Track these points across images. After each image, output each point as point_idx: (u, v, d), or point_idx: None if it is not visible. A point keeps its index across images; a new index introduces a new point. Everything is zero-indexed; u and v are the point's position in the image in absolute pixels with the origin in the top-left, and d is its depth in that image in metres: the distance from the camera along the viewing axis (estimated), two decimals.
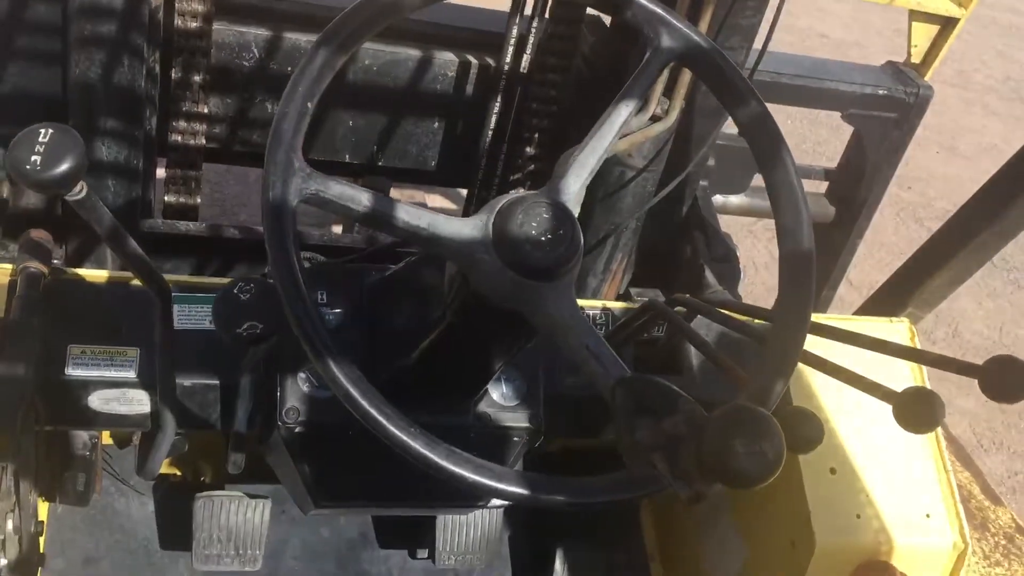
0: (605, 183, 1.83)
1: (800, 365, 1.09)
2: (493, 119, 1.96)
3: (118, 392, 1.22)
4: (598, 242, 1.89)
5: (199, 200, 1.93)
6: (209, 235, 1.86)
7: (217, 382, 1.25)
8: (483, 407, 1.28)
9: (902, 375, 1.49)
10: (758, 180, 2.04)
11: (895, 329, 1.54)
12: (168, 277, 1.25)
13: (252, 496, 1.45)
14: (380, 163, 2.06)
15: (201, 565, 1.48)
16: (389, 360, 1.18)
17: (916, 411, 1.00)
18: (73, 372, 1.20)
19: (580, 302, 1.03)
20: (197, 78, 1.78)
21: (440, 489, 1.22)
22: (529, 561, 1.72)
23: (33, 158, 0.92)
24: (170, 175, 1.88)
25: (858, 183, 2.40)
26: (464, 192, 2.30)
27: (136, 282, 1.24)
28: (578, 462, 1.42)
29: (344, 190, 0.97)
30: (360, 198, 0.97)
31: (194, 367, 1.24)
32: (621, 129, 1.08)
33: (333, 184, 0.96)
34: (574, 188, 1.06)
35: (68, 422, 1.24)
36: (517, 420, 1.29)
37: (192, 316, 1.27)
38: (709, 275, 1.85)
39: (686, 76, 1.70)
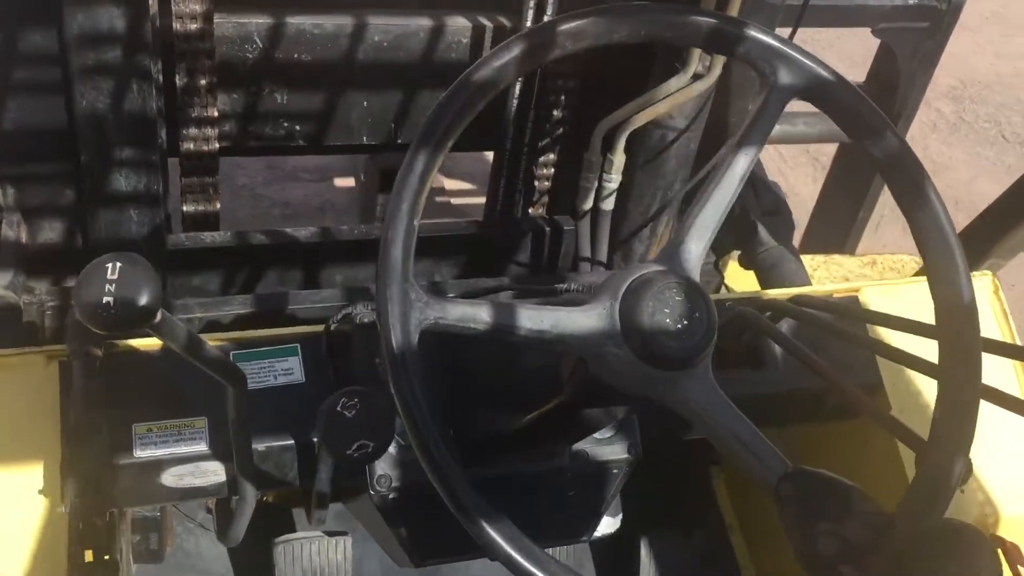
0: (646, 148, 1.74)
1: None
2: (517, 85, 1.85)
3: (191, 467, 1.16)
4: (644, 207, 1.80)
5: (219, 206, 1.84)
6: (236, 244, 1.77)
7: (292, 442, 1.19)
8: (578, 444, 1.22)
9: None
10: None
11: (977, 284, 1.47)
12: (222, 336, 1.18)
13: (331, 534, 1.40)
14: (400, 140, 1.96)
15: None
16: (483, 424, 1.11)
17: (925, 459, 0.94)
18: (142, 453, 1.14)
19: None
20: (203, 81, 1.67)
21: (543, 529, 1.18)
22: (610, 543, 1.68)
23: (106, 299, 0.83)
24: (186, 184, 1.78)
25: (891, 98, 2.30)
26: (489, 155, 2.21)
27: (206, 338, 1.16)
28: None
29: (464, 311, 0.88)
30: (480, 315, 0.89)
31: (266, 430, 1.17)
32: (743, 178, 0.98)
33: (451, 307, 0.88)
34: (696, 253, 0.97)
35: (142, 503, 1.18)
36: (615, 453, 1.23)
37: (254, 375, 1.20)
38: (762, 230, 1.77)
39: None
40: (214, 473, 1.17)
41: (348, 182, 3.76)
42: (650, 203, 1.80)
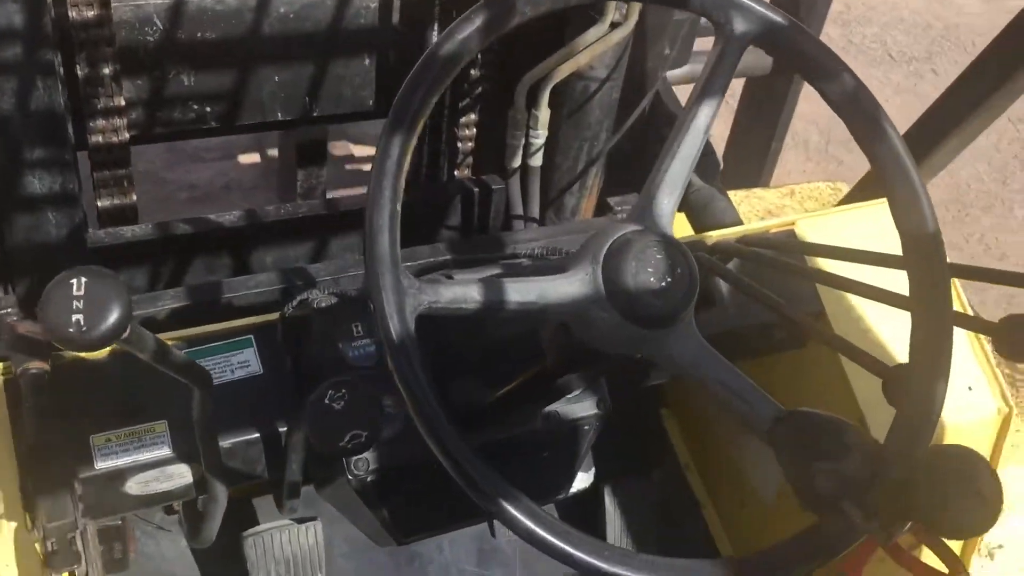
0: (570, 100, 1.73)
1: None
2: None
3: (156, 472, 1.12)
4: (571, 161, 1.80)
5: (135, 198, 1.77)
6: (159, 236, 1.71)
7: (258, 435, 1.16)
8: (549, 405, 1.22)
9: None
10: (699, 45, 1.97)
11: None
12: (173, 335, 1.14)
13: (300, 521, 1.38)
14: (316, 113, 1.91)
15: None
16: (460, 396, 1.10)
17: (908, 388, 0.97)
18: (103, 464, 1.10)
19: None
20: (107, 70, 1.59)
21: (523, 491, 1.18)
22: (573, 495, 1.70)
23: (75, 318, 0.79)
24: (99, 179, 1.71)
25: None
26: None
27: None
28: None
29: (455, 293, 0.87)
30: (471, 295, 0.87)
31: (231, 426, 1.14)
32: (706, 133, 0.98)
33: (443, 290, 0.86)
34: (668, 209, 0.96)
35: (107, 513, 1.14)
36: (585, 409, 1.24)
37: (210, 371, 1.16)
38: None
39: None
40: (180, 476, 1.13)
41: (253, 159, 3.67)
42: (577, 155, 1.80)
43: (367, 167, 3.58)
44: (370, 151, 3.61)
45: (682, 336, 0.92)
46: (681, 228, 1.97)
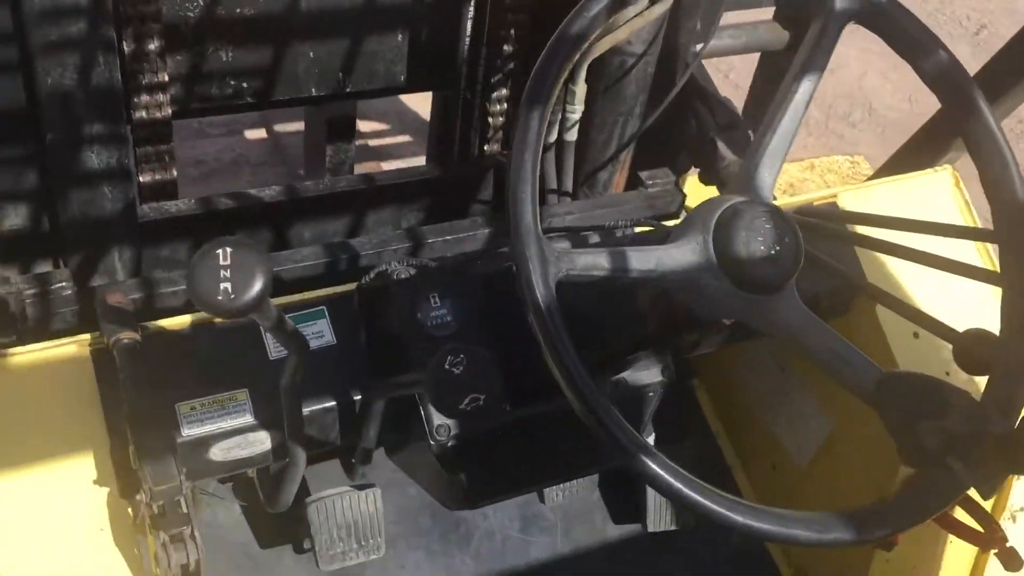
0: (606, 75, 1.76)
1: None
2: (468, 23, 1.85)
3: (239, 439, 1.15)
4: (606, 135, 1.83)
5: (175, 173, 1.79)
6: (202, 211, 1.74)
7: (334, 403, 1.19)
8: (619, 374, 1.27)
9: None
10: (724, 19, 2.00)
11: (939, 179, 1.56)
12: None
13: (360, 488, 1.42)
14: (348, 89, 1.93)
15: (328, 566, 1.46)
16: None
17: (975, 352, 1.02)
18: (190, 432, 1.13)
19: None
20: (152, 46, 1.61)
21: (579, 457, 1.22)
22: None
23: (223, 286, 0.82)
24: (141, 154, 1.72)
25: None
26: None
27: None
28: None
29: (587, 260, 0.91)
30: (601, 263, 0.91)
31: (308, 394, 1.17)
32: (806, 108, 1.02)
33: (578, 259, 0.90)
34: (770, 181, 1.01)
35: (192, 479, 1.17)
36: (651, 376, 1.28)
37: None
38: (721, 146, 1.82)
39: None
40: (260, 443, 1.17)
41: (259, 134, 3.68)
42: (612, 130, 1.83)
43: (391, 140, 3.64)
44: (394, 126, 3.65)
45: (788, 302, 0.96)
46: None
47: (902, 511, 0.93)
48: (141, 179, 1.76)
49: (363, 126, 3.53)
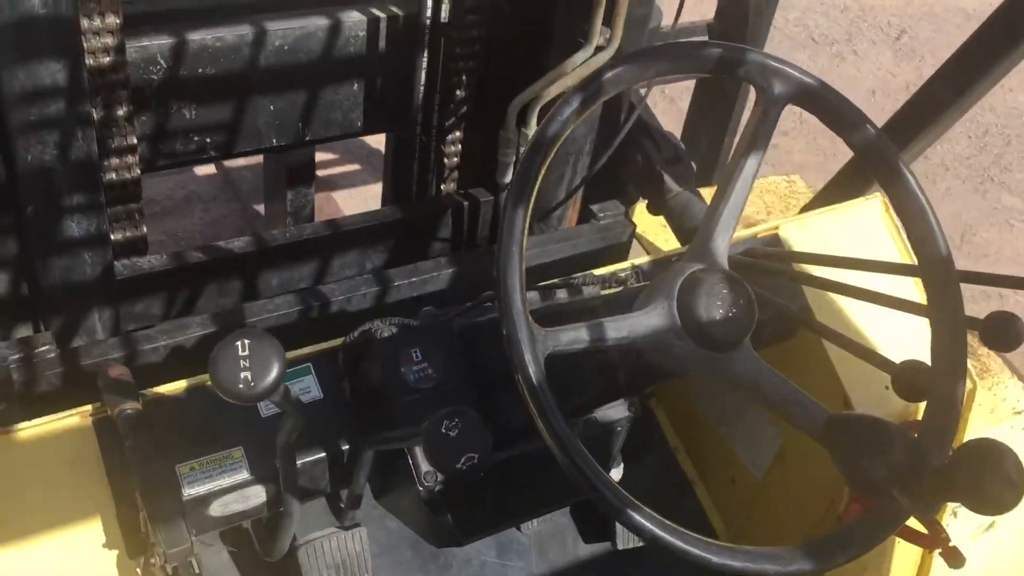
0: None
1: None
2: (423, 71, 1.93)
3: (236, 495, 1.22)
4: (558, 174, 1.93)
5: (145, 230, 1.84)
6: (173, 265, 1.80)
7: (324, 455, 1.27)
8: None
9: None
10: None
11: (870, 207, 1.68)
12: None
13: (346, 528, 1.49)
14: (307, 137, 2.00)
15: None
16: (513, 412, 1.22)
17: (911, 381, 1.14)
18: (191, 491, 1.19)
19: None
20: (121, 111, 1.67)
21: (556, 491, 1.32)
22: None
23: (243, 375, 0.89)
24: (112, 213, 1.78)
25: (742, 31, 2.49)
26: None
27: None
28: None
29: (569, 335, 1.00)
30: (582, 337, 1.00)
31: (299, 448, 1.25)
32: (753, 180, 1.12)
33: (562, 335, 0.99)
34: (723, 247, 1.11)
35: (198, 532, 1.24)
36: (618, 412, 1.38)
37: None
38: (667, 179, 1.93)
39: (624, 3, 1.72)
40: (256, 496, 1.24)
41: (208, 170, 3.71)
42: (563, 169, 1.93)
43: (341, 169, 3.69)
44: (342, 155, 3.71)
45: (744, 356, 1.07)
46: (659, 232, 2.12)
47: (855, 539, 1.04)
48: (113, 237, 1.81)
49: (321, 171, 3.59)
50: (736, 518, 1.89)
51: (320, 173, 3.64)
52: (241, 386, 0.90)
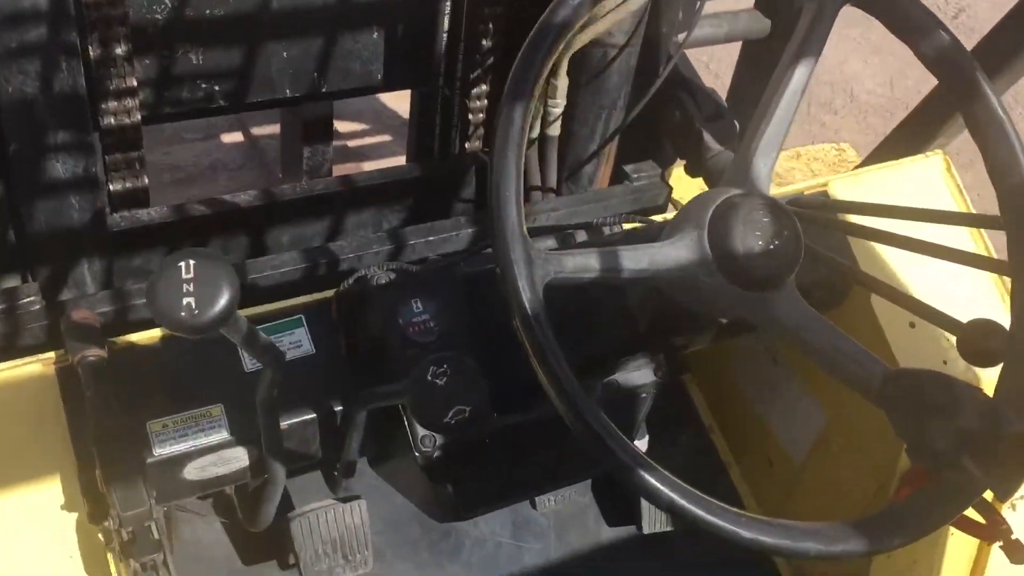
0: (588, 68, 1.72)
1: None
2: (445, 19, 1.80)
3: (214, 457, 1.11)
4: (589, 129, 1.80)
5: (147, 181, 1.74)
6: (176, 218, 1.69)
7: (314, 415, 1.15)
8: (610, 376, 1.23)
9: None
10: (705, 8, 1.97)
11: (930, 164, 1.53)
12: None
13: (344, 500, 1.38)
14: (324, 89, 1.88)
15: None
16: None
17: (981, 344, 0.98)
18: (161, 451, 1.08)
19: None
20: (119, 50, 1.56)
21: (571, 463, 1.18)
22: None
23: (186, 301, 0.77)
24: (111, 161, 1.67)
25: None
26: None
27: None
28: None
29: (576, 262, 0.86)
30: (591, 264, 0.87)
31: (286, 407, 1.13)
32: (802, 95, 0.98)
33: (566, 260, 0.86)
34: (766, 170, 0.96)
35: (167, 500, 1.13)
36: (643, 377, 1.24)
37: None
38: (708, 138, 1.78)
39: None
40: (237, 459, 1.12)
41: (236, 137, 3.62)
42: (595, 124, 1.80)
43: (371, 140, 3.58)
44: (372, 125, 3.60)
45: (787, 298, 0.92)
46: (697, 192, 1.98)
47: (915, 517, 0.89)
48: (111, 187, 1.71)
49: (342, 126, 3.48)
50: (773, 503, 1.74)
51: (349, 143, 3.54)
52: (183, 314, 0.78)
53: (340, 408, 1.16)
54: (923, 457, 0.83)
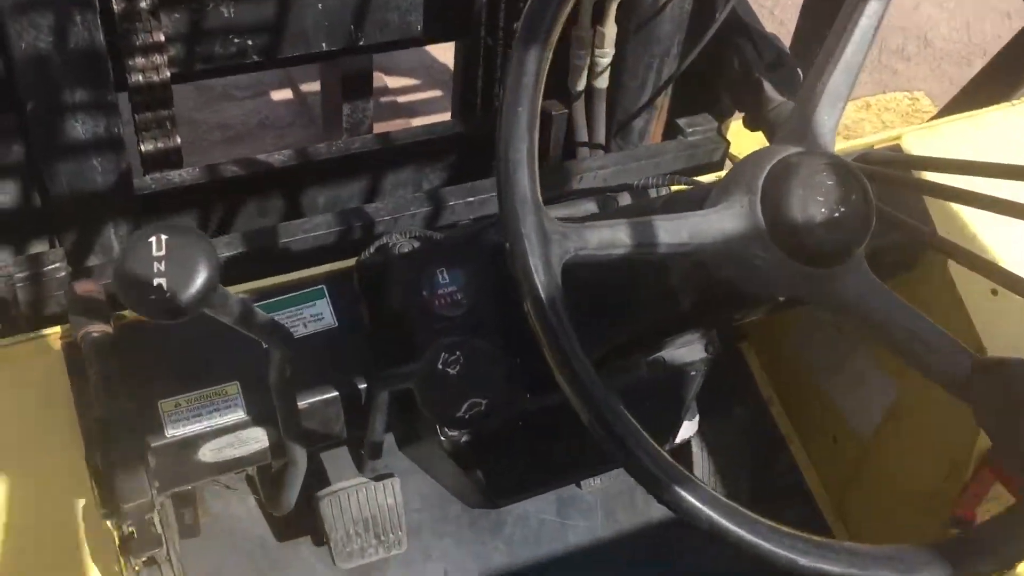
0: (638, 14, 1.60)
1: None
2: None
3: (230, 438, 1.04)
4: (640, 80, 1.68)
5: (179, 140, 1.67)
6: (208, 179, 1.62)
7: (336, 394, 1.07)
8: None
9: None
10: None
11: (1017, 114, 1.39)
12: (239, 288, 1.05)
13: (377, 478, 1.31)
14: (361, 42, 1.79)
15: (345, 564, 1.35)
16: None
17: None
18: (175, 432, 1.01)
19: None
20: (144, 3, 1.49)
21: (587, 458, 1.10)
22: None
23: (156, 282, 0.69)
24: (140, 121, 1.61)
25: None
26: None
27: None
28: None
29: (603, 236, 0.75)
30: (620, 238, 0.76)
31: (307, 385, 1.05)
32: (874, 36, 0.86)
33: (589, 235, 0.75)
34: (831, 125, 0.84)
35: (180, 484, 1.06)
36: (693, 353, 1.14)
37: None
38: (769, 87, 1.65)
39: None
40: (255, 440, 1.05)
41: (286, 95, 3.55)
42: (646, 75, 1.68)
43: (413, 97, 3.49)
44: (415, 81, 3.50)
45: (855, 275, 0.81)
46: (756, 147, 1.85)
47: (1006, 540, 0.77)
48: (143, 148, 1.65)
49: (391, 81, 3.39)
50: (838, 481, 1.64)
51: (400, 100, 3.45)
52: (153, 296, 0.69)
53: (364, 386, 1.08)
54: (1015, 462, 0.72)
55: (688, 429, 1.28)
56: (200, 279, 0.70)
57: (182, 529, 1.26)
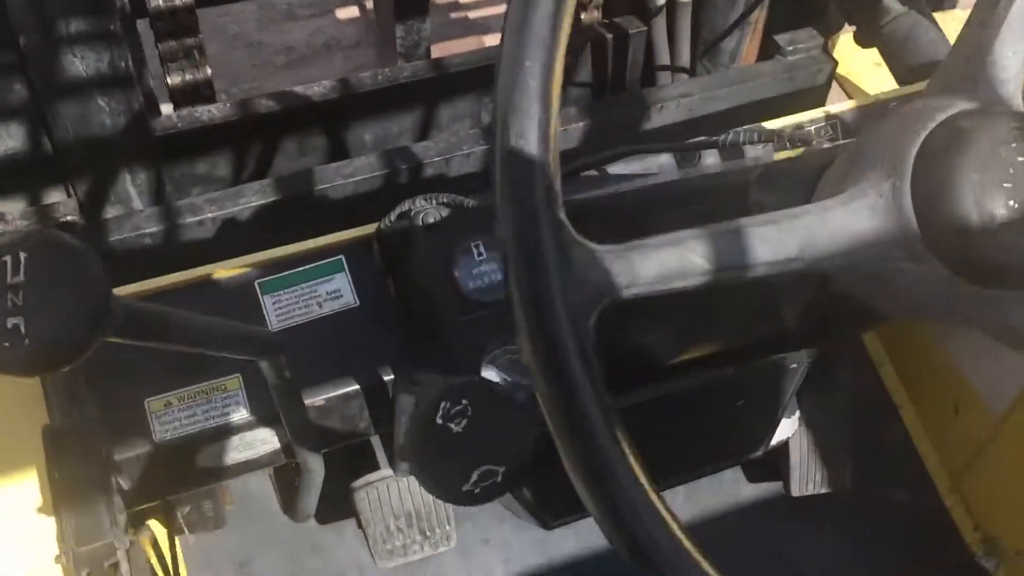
0: None
1: None
2: None
3: (234, 439, 0.87)
4: None
5: (209, 71, 1.50)
6: (240, 115, 1.45)
7: (358, 387, 0.90)
8: None
9: None
10: None
11: None
12: (244, 261, 0.87)
13: None
14: None
15: (387, 563, 1.20)
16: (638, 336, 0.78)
17: None
18: (164, 435, 0.85)
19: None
20: None
21: (708, 452, 0.91)
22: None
23: (11, 323, 0.48)
24: (165, 51, 1.44)
25: None
26: None
27: (218, 274, 0.87)
28: None
29: (662, 263, 0.52)
30: (690, 262, 0.52)
31: (324, 378, 0.88)
32: None
33: (641, 261, 0.51)
34: (1016, 70, 0.58)
35: (175, 492, 0.91)
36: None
37: (292, 307, 0.90)
38: None
39: None
40: (263, 441, 0.89)
41: (352, 13, 3.36)
42: None
43: (475, 14, 3.25)
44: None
45: None
46: (871, 73, 1.59)
47: None
48: (170, 81, 1.48)
49: None
50: (958, 458, 1.42)
51: (471, 16, 3.22)
52: (6, 344, 0.50)
53: (391, 377, 0.90)
54: None
55: (787, 428, 1.08)
56: (76, 319, 0.49)
57: (203, 522, 1.12)
